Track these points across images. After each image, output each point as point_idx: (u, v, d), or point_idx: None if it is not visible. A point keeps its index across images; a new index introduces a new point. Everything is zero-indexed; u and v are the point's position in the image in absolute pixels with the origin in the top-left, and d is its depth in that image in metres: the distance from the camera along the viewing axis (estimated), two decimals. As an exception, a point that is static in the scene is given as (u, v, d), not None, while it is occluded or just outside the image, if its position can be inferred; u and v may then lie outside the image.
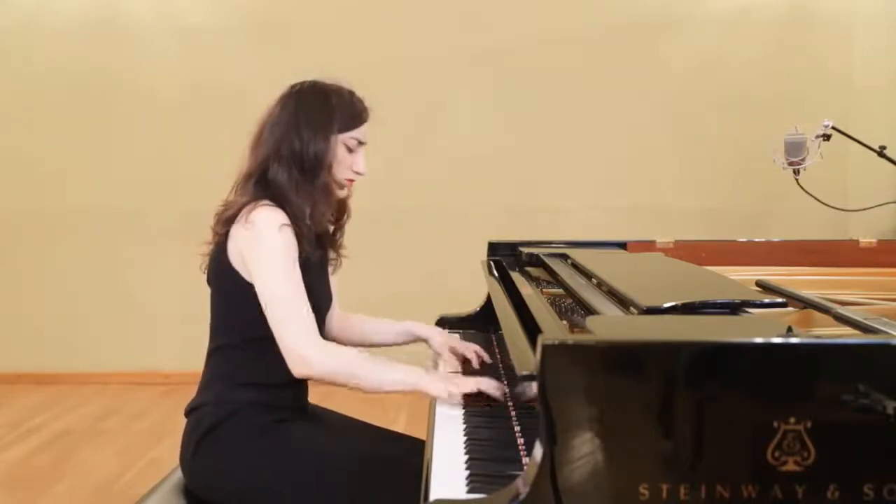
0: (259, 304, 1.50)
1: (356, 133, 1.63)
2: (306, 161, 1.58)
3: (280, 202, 1.56)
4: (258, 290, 1.51)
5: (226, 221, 1.58)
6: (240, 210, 1.55)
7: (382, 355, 1.57)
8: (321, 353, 1.48)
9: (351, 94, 1.66)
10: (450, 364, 1.74)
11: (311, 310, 1.52)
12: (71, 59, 4.11)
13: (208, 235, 1.64)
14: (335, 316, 1.84)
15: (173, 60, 4.08)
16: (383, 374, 1.50)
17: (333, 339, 1.83)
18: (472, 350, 1.78)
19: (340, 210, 1.75)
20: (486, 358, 1.76)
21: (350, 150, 1.63)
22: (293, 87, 1.66)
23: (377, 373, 1.50)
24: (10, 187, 4.21)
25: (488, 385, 1.44)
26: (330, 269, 1.78)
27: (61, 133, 4.16)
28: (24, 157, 4.19)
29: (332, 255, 1.76)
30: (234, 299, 1.58)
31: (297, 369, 1.48)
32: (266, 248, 1.51)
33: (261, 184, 1.59)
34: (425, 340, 1.86)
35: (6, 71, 4.16)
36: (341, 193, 1.68)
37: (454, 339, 1.86)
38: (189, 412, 1.62)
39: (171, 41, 4.08)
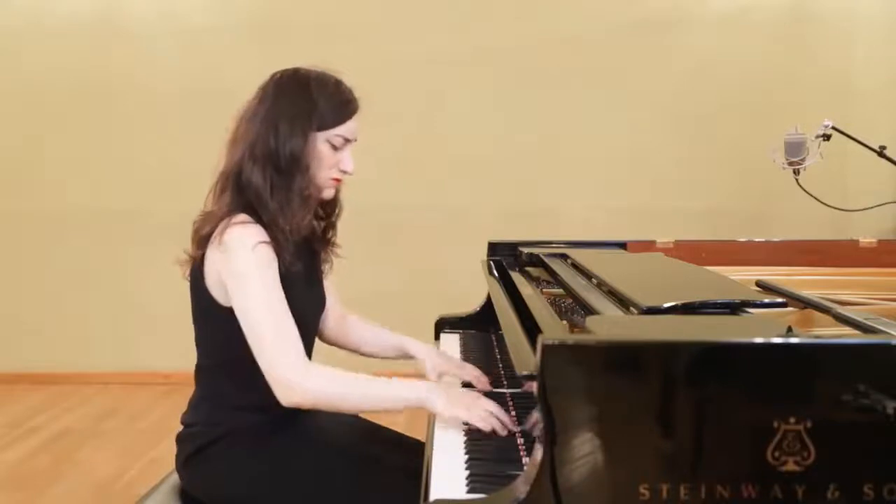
0: (237, 326, 1.40)
1: (341, 130, 1.47)
2: (282, 160, 1.43)
3: (256, 208, 1.44)
4: (237, 315, 1.40)
5: (200, 242, 1.47)
6: (213, 229, 1.44)
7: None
8: (307, 379, 1.37)
9: (337, 84, 1.49)
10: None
11: (296, 330, 1.40)
12: (71, 59, 4.10)
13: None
14: (333, 316, 1.78)
15: (173, 60, 4.08)
16: (381, 392, 1.38)
17: (328, 339, 1.80)
18: (470, 376, 1.61)
19: (331, 206, 1.62)
20: (486, 383, 1.59)
21: (335, 148, 1.48)
22: (273, 76, 1.51)
23: (373, 390, 1.39)
24: (10, 187, 4.20)
25: (497, 420, 1.30)
26: (325, 267, 1.67)
27: (61, 133, 4.15)
28: (24, 157, 4.18)
29: (323, 255, 1.66)
30: (211, 321, 1.49)
31: (285, 397, 1.37)
32: (240, 271, 1.39)
33: (237, 187, 1.46)
34: (417, 359, 1.71)
35: (6, 71, 4.16)
36: (327, 194, 1.54)
37: (450, 362, 1.69)
38: (182, 423, 1.59)
39: (171, 41, 4.07)
